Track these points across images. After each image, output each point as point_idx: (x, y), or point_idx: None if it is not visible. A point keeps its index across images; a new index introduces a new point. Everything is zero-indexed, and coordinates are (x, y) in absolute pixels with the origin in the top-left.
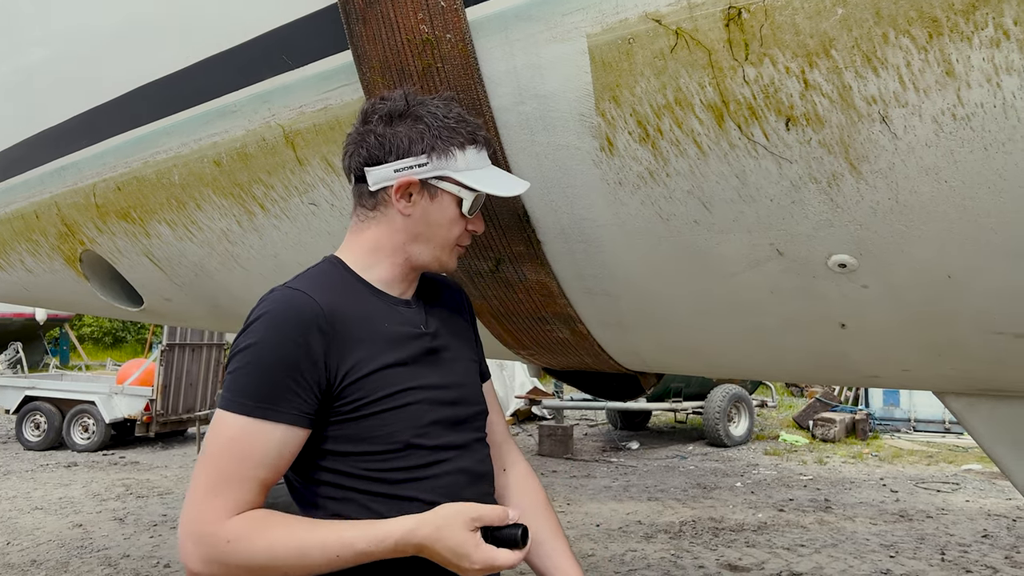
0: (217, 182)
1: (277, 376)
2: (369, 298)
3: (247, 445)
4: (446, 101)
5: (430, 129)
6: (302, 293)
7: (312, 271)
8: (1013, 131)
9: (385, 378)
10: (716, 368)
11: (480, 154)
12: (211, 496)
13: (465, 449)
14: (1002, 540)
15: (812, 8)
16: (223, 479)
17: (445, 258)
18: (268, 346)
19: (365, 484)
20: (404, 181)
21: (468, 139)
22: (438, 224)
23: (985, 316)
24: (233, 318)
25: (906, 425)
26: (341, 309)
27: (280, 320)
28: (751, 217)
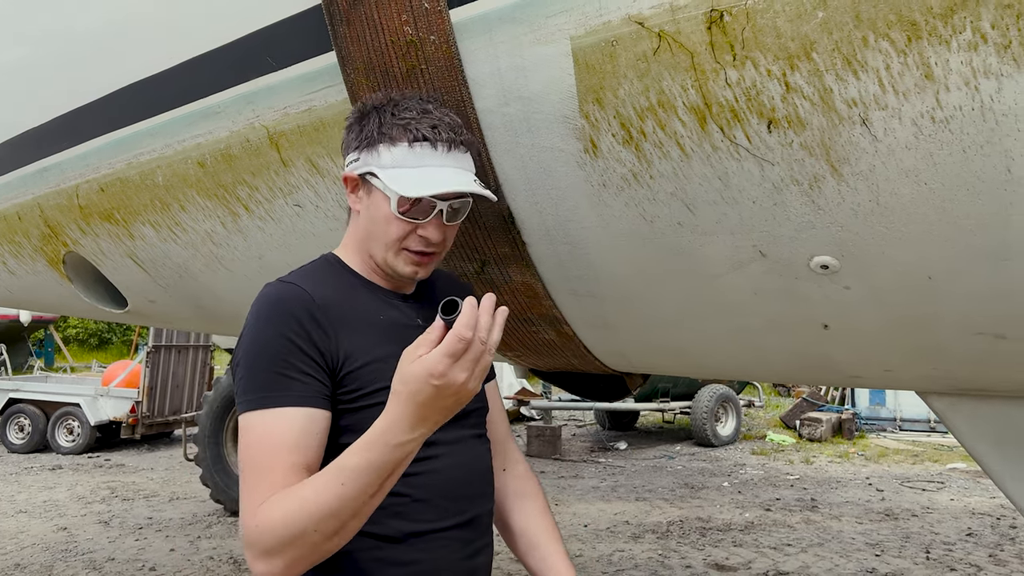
0: (201, 183)
1: (278, 365)
2: (362, 291)
3: (270, 436)
4: (421, 100)
5: (370, 125)
6: (292, 284)
7: (306, 266)
8: (991, 134)
9: (379, 370)
10: (701, 369)
11: (417, 152)
12: (250, 495)
13: (460, 445)
14: (986, 538)
15: (793, 11)
16: (257, 476)
17: (391, 259)
18: (264, 339)
19: None
20: (344, 175)
21: (401, 135)
22: (376, 220)
23: (966, 317)
24: (218, 320)
25: (892, 424)
26: (333, 300)
27: (272, 311)
28: (734, 219)
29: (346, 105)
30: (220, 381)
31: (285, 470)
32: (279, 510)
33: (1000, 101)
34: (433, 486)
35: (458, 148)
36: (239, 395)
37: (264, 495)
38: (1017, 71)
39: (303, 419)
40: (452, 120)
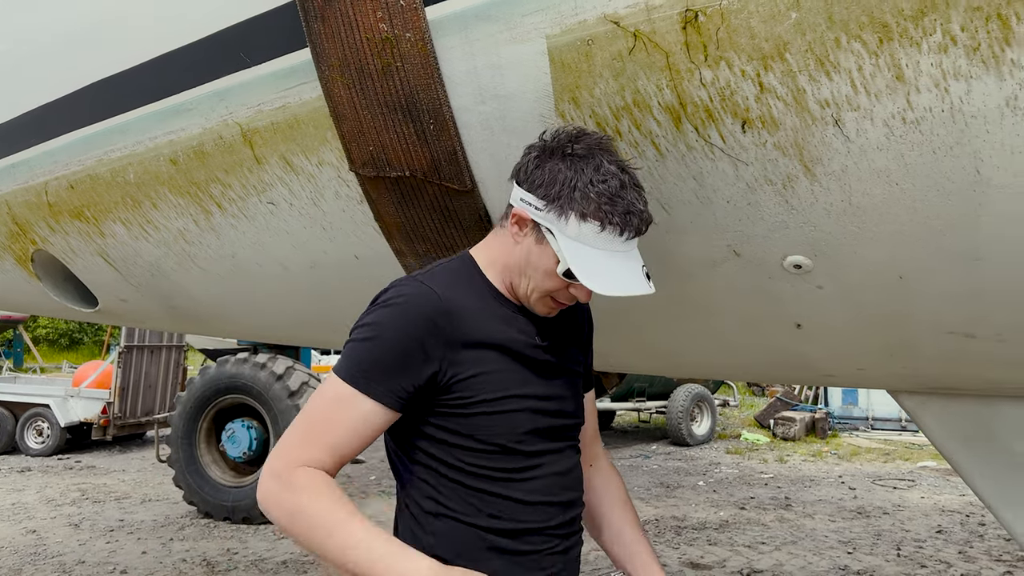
0: (173, 181)
1: (388, 360)
2: (491, 301)
3: (342, 411)
4: (618, 170)
5: (564, 183)
6: (429, 289)
7: (445, 266)
8: (960, 135)
9: (491, 382)
10: (678, 368)
11: (604, 235)
12: (297, 445)
13: (558, 455)
14: (956, 535)
15: (767, 12)
16: (312, 433)
17: (534, 300)
18: (387, 331)
19: (458, 475)
20: (518, 212)
21: (594, 214)
22: (535, 268)
23: (936, 317)
24: (191, 319)
25: (864, 423)
26: (463, 308)
27: (407, 311)
28: (708, 218)
29: (321, 102)
30: (193, 381)
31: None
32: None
33: (969, 103)
34: (535, 492)
35: (640, 235)
36: (344, 357)
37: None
38: (986, 73)
39: (374, 414)
40: (643, 205)
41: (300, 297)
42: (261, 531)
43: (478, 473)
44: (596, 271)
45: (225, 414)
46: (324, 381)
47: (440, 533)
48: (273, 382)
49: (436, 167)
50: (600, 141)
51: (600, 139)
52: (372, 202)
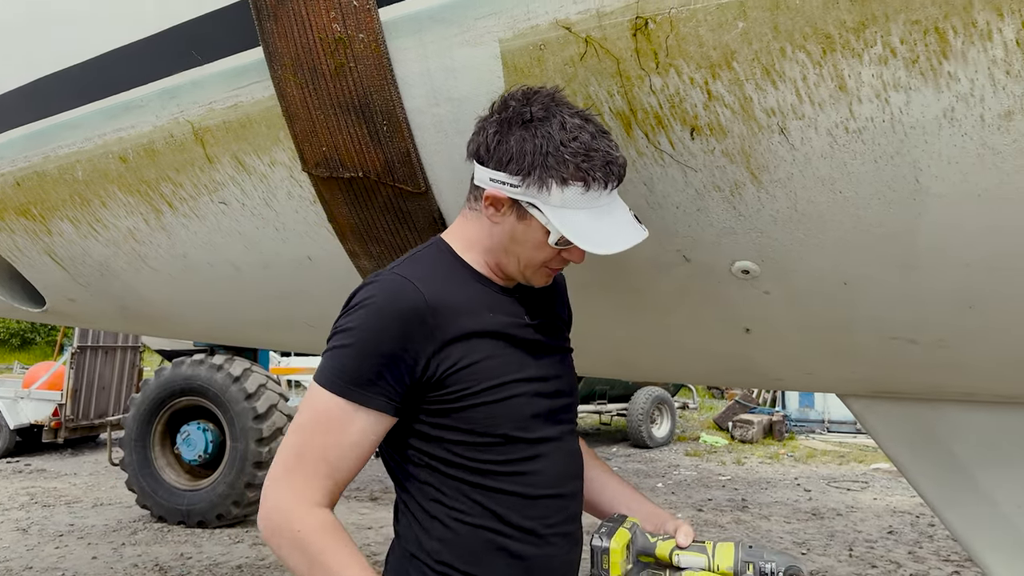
0: (123, 179)
1: (375, 363)
2: (474, 285)
3: (336, 425)
4: (582, 121)
5: (535, 152)
6: (411, 284)
7: (420, 255)
8: (900, 145)
9: (489, 369)
10: (630, 371)
11: (588, 194)
12: (296, 471)
13: (560, 442)
14: (906, 536)
15: (715, 21)
16: (309, 458)
17: (530, 275)
18: (371, 333)
19: (462, 473)
20: (492, 194)
21: (575, 175)
22: (522, 244)
23: (880, 322)
24: (142, 320)
25: (820, 426)
26: (446, 298)
27: (388, 310)
28: (658, 224)
29: (273, 101)
30: (148, 383)
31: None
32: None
33: (909, 114)
34: (540, 484)
35: (618, 186)
36: (325, 367)
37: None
38: (924, 85)
39: (372, 424)
40: (617, 151)
41: (253, 298)
42: (216, 535)
43: (481, 469)
44: (591, 233)
45: (180, 416)
46: (307, 397)
47: (446, 538)
48: (230, 384)
49: (390, 168)
50: (553, 96)
51: (552, 94)
52: (325, 203)
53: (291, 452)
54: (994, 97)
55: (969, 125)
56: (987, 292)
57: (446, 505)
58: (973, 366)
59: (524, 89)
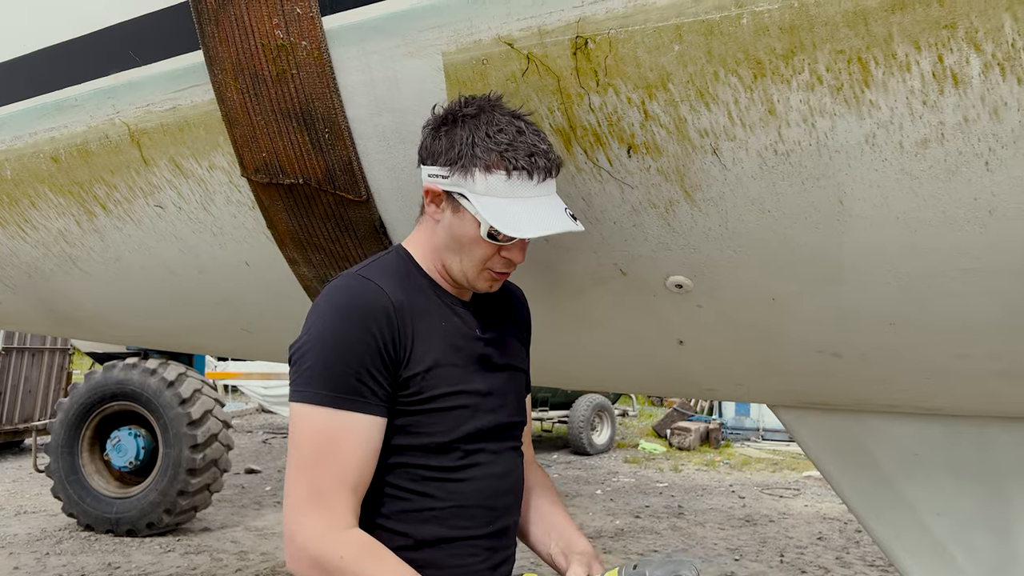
0: (55, 179)
1: (355, 365)
2: (430, 295)
3: (338, 442)
4: (513, 118)
5: (462, 143)
6: (372, 282)
7: (381, 260)
8: (826, 168)
9: (440, 376)
10: (570, 380)
11: (512, 182)
12: (316, 507)
13: (500, 456)
14: (834, 542)
15: (652, 43)
16: (324, 485)
17: (472, 277)
18: (342, 335)
19: (394, 476)
20: (428, 188)
21: (498, 163)
22: (459, 239)
23: (806, 336)
24: (72, 324)
25: (755, 434)
26: (406, 301)
27: (353, 309)
28: (597, 237)
29: (213, 106)
30: (77, 387)
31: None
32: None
33: (834, 138)
34: (471, 494)
35: (550, 178)
36: (303, 384)
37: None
38: (848, 112)
39: (373, 428)
40: (546, 146)
41: (189, 303)
42: (146, 544)
43: (414, 474)
44: (511, 217)
45: (111, 422)
46: (298, 421)
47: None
48: (164, 389)
49: (331, 176)
50: (489, 98)
51: (489, 97)
52: (264, 209)
53: (301, 484)
54: (912, 125)
55: (889, 151)
56: (906, 310)
57: (368, 508)
58: (894, 379)
59: (464, 96)
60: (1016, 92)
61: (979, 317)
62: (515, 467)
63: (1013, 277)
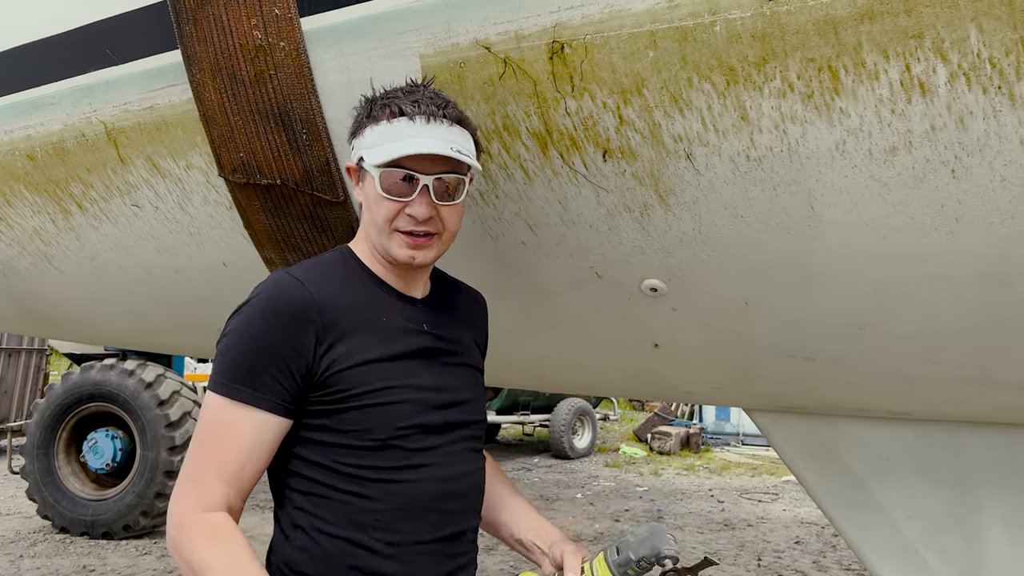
0: (30, 177)
1: (260, 362)
2: (372, 290)
3: (226, 430)
4: (416, 84)
5: (362, 112)
6: (297, 281)
7: (318, 259)
8: (797, 174)
9: (372, 372)
10: (546, 382)
11: (396, 126)
12: (191, 484)
13: (451, 457)
14: (811, 546)
15: (627, 49)
16: (203, 468)
17: (386, 243)
18: (255, 331)
19: (333, 478)
20: (347, 167)
21: (384, 112)
22: (368, 206)
23: (779, 340)
24: (48, 323)
25: (735, 439)
26: (336, 299)
27: (271, 306)
28: (573, 241)
29: (191, 105)
30: (54, 388)
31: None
32: (213, 556)
33: (804, 145)
34: (417, 496)
35: (440, 121)
36: (213, 370)
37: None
38: (819, 119)
39: (262, 424)
40: (438, 97)
41: (165, 303)
42: (122, 547)
43: (353, 475)
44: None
45: (88, 423)
46: (204, 402)
47: (306, 548)
48: (142, 390)
49: (308, 177)
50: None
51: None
52: (242, 209)
53: (187, 465)
54: (880, 133)
55: (859, 158)
56: (876, 315)
57: (311, 514)
58: (866, 384)
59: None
60: (981, 101)
61: (946, 324)
62: (473, 469)
63: (979, 285)
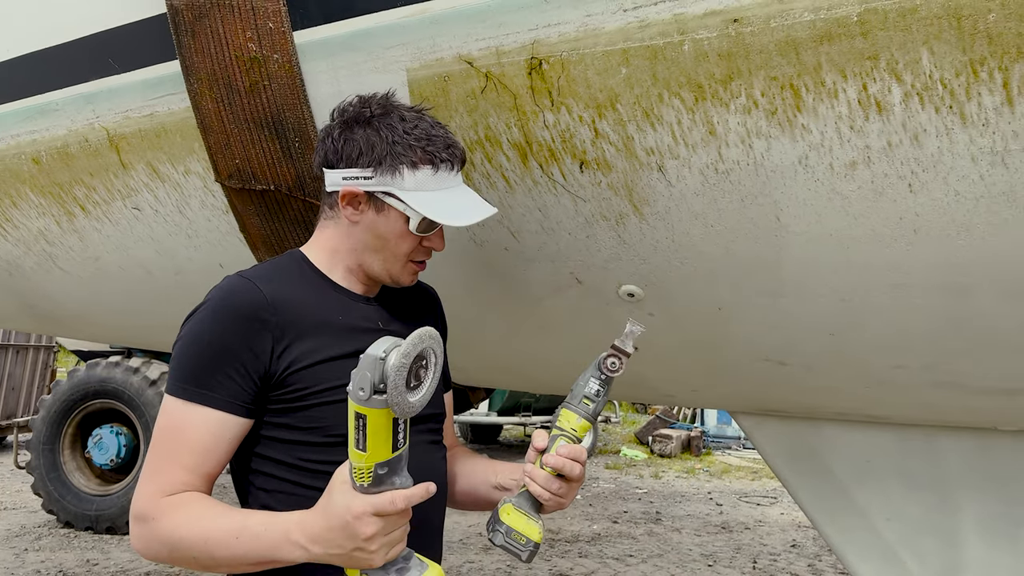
0: (35, 180)
1: (214, 362)
2: (326, 291)
3: (182, 430)
4: (418, 113)
5: (382, 142)
6: (249, 282)
7: (271, 262)
8: (763, 186)
9: (330, 370)
10: (534, 384)
11: (438, 175)
12: (150, 479)
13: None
14: (807, 549)
15: (601, 65)
16: (160, 463)
17: (396, 272)
18: (208, 333)
19: (298, 475)
20: (347, 191)
21: (423, 159)
22: (384, 237)
23: (751, 345)
24: (51, 320)
25: (736, 442)
26: (290, 300)
27: (223, 308)
28: (553, 248)
29: (189, 113)
30: (60, 384)
31: (187, 469)
32: (181, 517)
33: (769, 159)
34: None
35: (460, 167)
36: (169, 373)
37: (162, 484)
38: (782, 134)
39: (217, 423)
40: (456, 138)
41: (165, 302)
42: (125, 541)
43: (317, 470)
44: (447, 209)
45: (93, 419)
46: (163, 409)
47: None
48: (146, 387)
49: (301, 183)
50: (387, 96)
51: (386, 95)
52: (238, 213)
53: (146, 466)
54: (841, 148)
55: (821, 172)
56: (844, 321)
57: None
58: (839, 388)
59: (357, 96)
60: (934, 120)
61: (912, 331)
62: (435, 460)
63: (940, 294)
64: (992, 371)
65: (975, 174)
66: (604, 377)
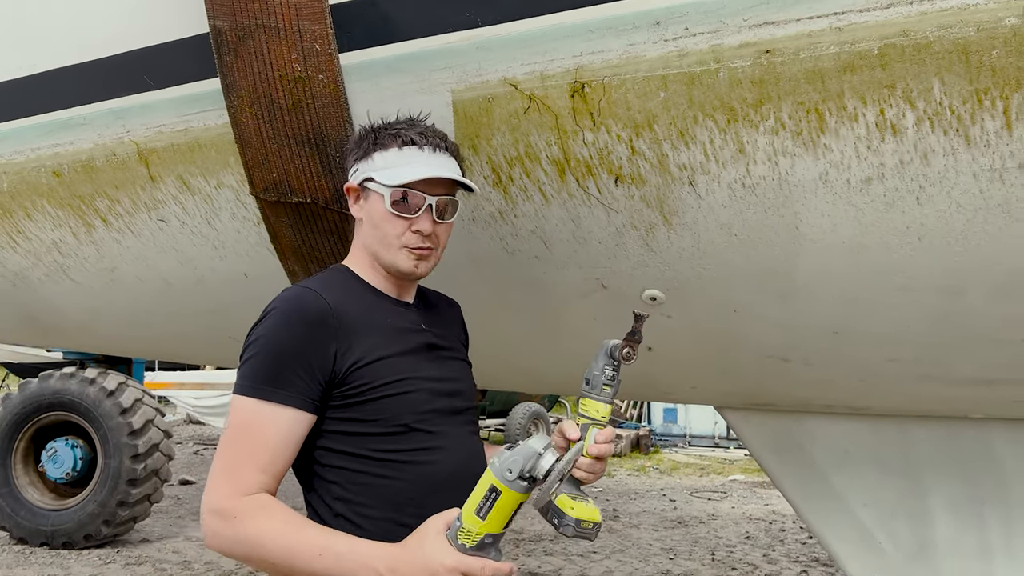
0: (54, 192)
1: (286, 363)
2: (371, 298)
3: (257, 427)
4: (411, 119)
5: (366, 137)
6: (313, 292)
7: (322, 275)
8: (786, 199)
9: (388, 366)
10: (540, 383)
11: (403, 152)
12: (225, 476)
13: (460, 439)
14: (761, 540)
15: (641, 90)
16: (237, 461)
17: (393, 257)
18: (279, 336)
19: (364, 464)
20: (348, 187)
21: (390, 140)
22: (374, 222)
23: (760, 344)
24: (52, 332)
25: (682, 440)
26: (346, 306)
27: (292, 313)
28: (583, 256)
29: (227, 129)
30: (10, 398)
31: (262, 467)
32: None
33: (793, 174)
34: (437, 475)
35: (443, 152)
36: (240, 376)
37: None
38: (806, 153)
39: (291, 420)
40: (438, 130)
41: (180, 312)
42: (84, 556)
43: (385, 459)
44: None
45: (47, 432)
46: (232, 405)
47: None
48: (104, 398)
49: (338, 196)
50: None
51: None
52: (270, 224)
53: (219, 461)
54: (858, 165)
55: (839, 186)
56: (848, 320)
57: (351, 501)
58: (832, 381)
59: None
60: (942, 141)
61: (908, 327)
62: (478, 449)
63: (937, 294)
64: (974, 363)
65: (975, 188)
66: (617, 364)
